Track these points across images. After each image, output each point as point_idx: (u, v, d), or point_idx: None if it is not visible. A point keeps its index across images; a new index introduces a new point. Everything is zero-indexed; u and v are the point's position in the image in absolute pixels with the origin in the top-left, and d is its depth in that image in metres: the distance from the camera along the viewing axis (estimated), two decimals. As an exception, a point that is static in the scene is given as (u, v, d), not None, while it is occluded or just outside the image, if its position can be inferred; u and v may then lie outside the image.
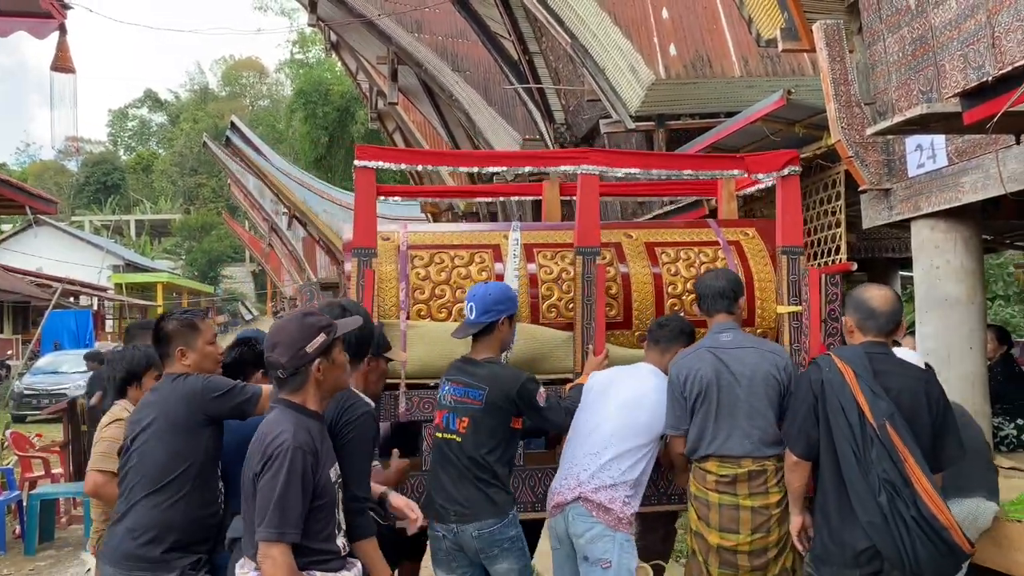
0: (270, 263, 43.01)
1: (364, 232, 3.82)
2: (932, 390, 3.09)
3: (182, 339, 3.29)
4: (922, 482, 2.87)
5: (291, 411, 2.62)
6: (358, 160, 3.81)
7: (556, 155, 4.13)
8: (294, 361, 2.61)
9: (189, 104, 67.14)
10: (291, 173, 28.45)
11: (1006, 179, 4.65)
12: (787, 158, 4.00)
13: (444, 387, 3.62)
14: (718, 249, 4.21)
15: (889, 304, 3.15)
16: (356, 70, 19.40)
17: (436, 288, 3.92)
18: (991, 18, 4.75)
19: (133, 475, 3.16)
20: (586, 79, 9.42)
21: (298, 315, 2.72)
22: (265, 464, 2.50)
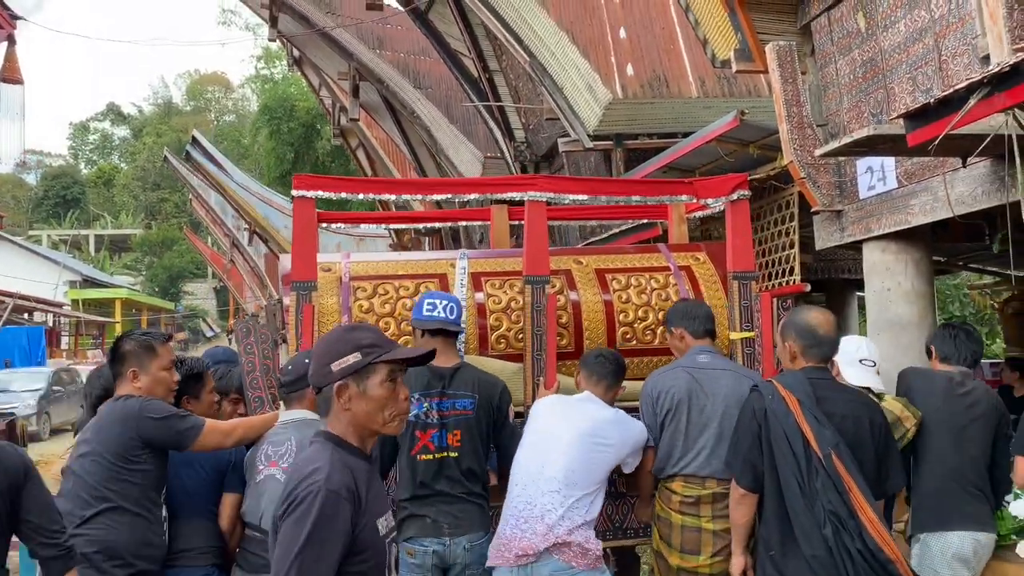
0: (232, 279, 42.43)
1: (303, 264, 3.64)
2: (875, 416, 3.04)
3: (136, 360, 3.17)
4: (867, 513, 2.81)
5: (331, 445, 2.10)
6: (295, 190, 3.66)
7: (503, 182, 4.02)
8: (317, 378, 2.14)
9: (152, 118, 66.39)
10: (252, 188, 28.15)
11: (954, 201, 4.67)
12: (735, 182, 3.96)
13: (419, 406, 3.38)
14: (669, 275, 4.14)
15: (833, 330, 3.10)
16: (319, 86, 19.29)
17: (380, 320, 3.76)
18: (938, 42, 4.77)
19: (70, 498, 3.04)
20: (545, 98, 9.40)
21: (345, 327, 2.28)
22: (288, 507, 2.00)
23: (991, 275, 8.98)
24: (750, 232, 4.01)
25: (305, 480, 2.00)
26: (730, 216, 3.95)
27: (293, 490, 2.01)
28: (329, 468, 2.03)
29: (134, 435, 3.04)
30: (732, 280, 3.93)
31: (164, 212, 59.39)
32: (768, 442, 2.98)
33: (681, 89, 8.37)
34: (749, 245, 3.97)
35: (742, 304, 3.91)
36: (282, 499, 2.03)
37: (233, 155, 40.94)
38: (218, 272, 47.15)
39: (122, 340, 3.25)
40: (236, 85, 68.68)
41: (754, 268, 3.98)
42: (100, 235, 58.71)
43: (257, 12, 16.17)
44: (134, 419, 3.04)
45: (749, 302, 3.91)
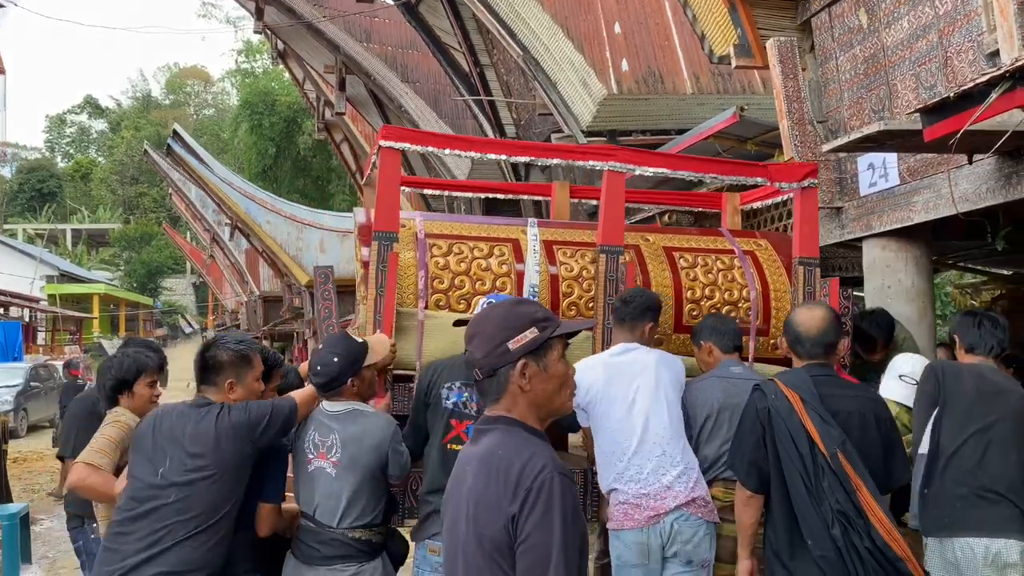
0: (212, 275, 42.13)
1: (387, 216, 3.57)
2: (879, 410, 3.00)
3: (234, 371, 3.11)
4: (876, 512, 2.77)
5: (517, 429, 1.90)
6: (383, 140, 3.60)
7: (584, 149, 3.98)
8: (490, 360, 1.91)
9: (131, 112, 65.61)
10: (234, 183, 27.88)
11: (958, 199, 4.65)
12: (807, 170, 3.98)
13: (459, 394, 3.32)
14: (734, 257, 4.17)
15: (816, 328, 3.01)
16: (303, 79, 19.11)
17: (456, 278, 3.75)
18: (943, 38, 4.76)
19: (168, 515, 2.89)
20: (537, 92, 9.33)
21: (510, 301, 2.07)
22: (525, 503, 1.75)
23: (982, 274, 9.03)
24: (817, 219, 4.02)
25: (527, 469, 1.80)
26: (799, 203, 3.97)
27: (518, 483, 1.79)
28: (543, 451, 1.88)
29: (250, 449, 3.01)
30: (798, 266, 3.96)
31: (142, 207, 58.76)
32: (773, 442, 2.94)
33: (676, 85, 8.33)
34: (816, 232, 3.99)
35: (806, 290, 3.93)
36: (508, 500, 1.78)
37: (213, 150, 40.50)
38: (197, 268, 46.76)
39: (216, 348, 3.14)
40: (216, 79, 68.12)
41: (819, 255, 3.99)
42: (77, 229, 57.98)
43: (243, 4, 15.97)
44: (248, 436, 3.00)
45: (813, 288, 3.94)
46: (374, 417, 3.21)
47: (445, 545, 1.94)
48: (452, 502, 1.94)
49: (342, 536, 3.05)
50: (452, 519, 1.91)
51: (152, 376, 3.54)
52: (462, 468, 1.95)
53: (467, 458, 1.94)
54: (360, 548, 3.07)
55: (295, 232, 27.54)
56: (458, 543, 1.86)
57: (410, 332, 3.60)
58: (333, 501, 3.08)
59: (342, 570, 3.03)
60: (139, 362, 3.56)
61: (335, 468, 3.08)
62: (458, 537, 1.86)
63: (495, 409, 1.94)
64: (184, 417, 3.04)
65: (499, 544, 1.77)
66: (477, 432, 1.97)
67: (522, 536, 1.75)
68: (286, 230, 27.42)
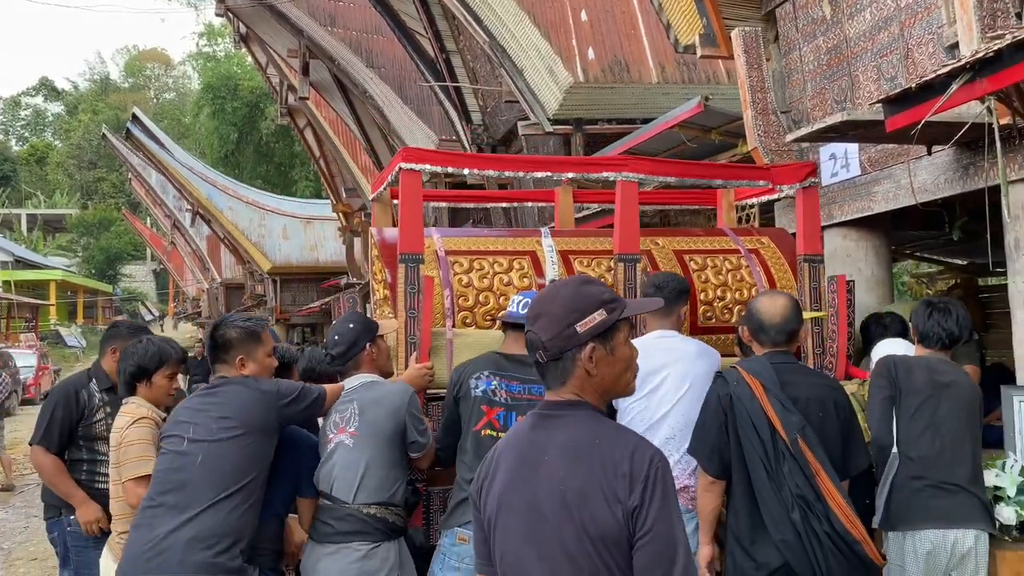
0: (172, 262, 41.54)
1: (412, 237, 3.60)
2: (839, 397, 3.04)
3: (243, 348, 3.16)
4: (835, 497, 2.82)
5: (596, 414, 1.86)
6: (404, 163, 3.64)
7: (597, 162, 4.16)
8: (558, 343, 1.83)
9: (88, 94, 64.22)
10: (195, 168, 27.45)
11: (917, 189, 4.72)
12: (808, 170, 4.09)
13: (488, 382, 3.32)
14: (741, 257, 4.25)
15: (778, 316, 3.04)
16: (266, 64, 18.83)
17: (480, 295, 3.79)
18: (904, 30, 4.82)
19: (196, 478, 2.93)
20: (504, 80, 9.30)
21: (576, 280, 1.97)
22: (644, 494, 1.71)
23: (938, 263, 9.20)
24: (819, 217, 4.12)
25: (639, 461, 1.75)
26: (801, 202, 4.06)
27: (632, 471, 1.73)
28: (637, 437, 1.84)
29: (275, 418, 3.07)
30: (803, 263, 4.03)
31: (101, 192, 57.66)
32: (734, 428, 2.97)
33: (641, 74, 8.35)
34: (818, 229, 4.09)
35: (811, 286, 4.01)
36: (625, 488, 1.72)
37: (173, 134, 39.84)
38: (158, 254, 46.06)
39: (225, 327, 3.20)
40: (177, 62, 66.94)
41: (822, 252, 4.09)
42: (33, 215, 56.71)
43: (203, -15, 15.68)
44: (275, 404, 3.06)
45: (818, 284, 4.02)
46: (391, 385, 3.27)
47: (510, 532, 1.83)
48: (519, 489, 1.83)
49: (357, 511, 3.04)
50: (528, 506, 1.81)
51: (173, 368, 3.54)
52: (534, 453, 1.84)
53: (539, 443, 1.84)
54: (375, 526, 3.04)
55: (257, 218, 27.22)
56: (543, 533, 1.77)
57: (439, 351, 3.63)
58: (351, 472, 3.07)
59: (356, 548, 3.01)
60: (163, 352, 3.55)
61: (353, 439, 3.10)
62: (543, 526, 1.77)
63: (561, 393, 1.86)
64: (208, 394, 3.12)
65: (610, 536, 1.72)
66: (543, 417, 1.88)
67: (644, 528, 1.71)
68: (248, 216, 27.09)
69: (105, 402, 4.00)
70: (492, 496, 1.87)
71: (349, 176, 18.11)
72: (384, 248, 3.96)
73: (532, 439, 1.87)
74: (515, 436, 1.94)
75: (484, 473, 1.93)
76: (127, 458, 3.28)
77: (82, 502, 3.92)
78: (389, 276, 3.82)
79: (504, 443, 1.94)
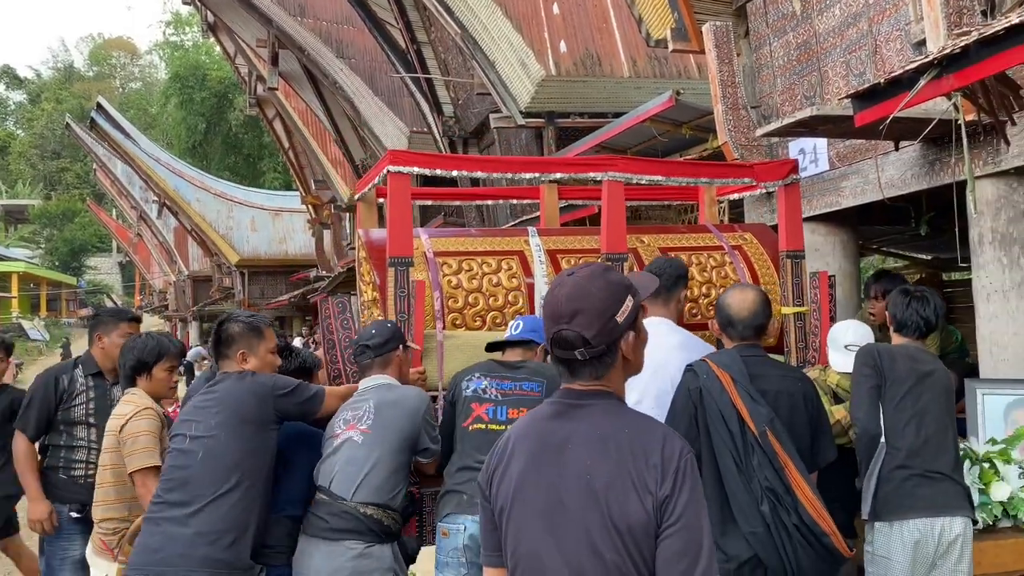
0: (138, 254, 40.97)
1: (401, 241, 3.61)
2: (808, 389, 3.05)
3: (245, 343, 3.19)
4: (803, 489, 2.84)
5: (620, 403, 1.85)
6: (392, 165, 3.63)
7: (584, 162, 4.16)
8: (603, 336, 1.79)
9: (52, 83, 62.97)
10: (161, 159, 27.08)
11: (884, 185, 4.78)
12: (789, 167, 4.14)
13: (479, 382, 3.36)
14: (724, 253, 4.28)
15: (745, 311, 3.05)
16: (235, 53, 18.59)
17: (469, 296, 3.78)
18: (873, 27, 4.86)
19: (197, 474, 2.96)
20: (476, 72, 9.26)
21: (597, 270, 1.89)
22: (675, 484, 1.71)
23: (903, 258, 9.32)
24: (801, 213, 4.15)
25: (670, 451, 1.74)
26: (783, 198, 4.11)
27: (664, 464, 1.72)
28: (663, 426, 1.86)
29: (270, 409, 3.07)
30: (785, 259, 4.06)
31: (65, 182, 56.64)
32: (704, 421, 2.97)
33: (613, 68, 8.36)
34: (800, 226, 4.12)
35: (794, 281, 4.05)
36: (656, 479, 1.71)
37: (140, 124, 39.24)
38: (124, 246, 45.36)
39: (228, 322, 3.25)
40: (143, 52, 65.90)
41: (803, 247, 4.12)
42: (-7, 205, 55.58)
43: (170, -27, 15.45)
44: (269, 394, 3.07)
45: (800, 279, 4.06)
46: (409, 389, 3.28)
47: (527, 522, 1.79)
48: (539, 478, 1.79)
49: (353, 509, 3.00)
50: (549, 496, 1.77)
51: (171, 361, 3.61)
52: (556, 442, 1.80)
53: (562, 432, 1.81)
54: (370, 526, 3.01)
55: (225, 210, 26.92)
56: (565, 523, 1.74)
57: (430, 354, 3.63)
58: (354, 469, 3.04)
59: (350, 547, 2.98)
60: (162, 345, 3.64)
61: (364, 436, 3.07)
62: (565, 517, 1.74)
63: (584, 383, 1.83)
64: (208, 391, 3.13)
65: (638, 527, 1.70)
66: (567, 406, 1.84)
67: (673, 517, 1.71)
68: (216, 208, 26.78)
69: (89, 387, 4.04)
70: (506, 485, 1.82)
71: (319, 168, 17.96)
72: (372, 250, 3.94)
73: (553, 428, 1.83)
74: (532, 424, 1.88)
75: (495, 462, 1.87)
76: (134, 448, 3.34)
77: (34, 498, 3.93)
78: (378, 278, 3.80)
79: (519, 432, 1.88)
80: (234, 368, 3.17)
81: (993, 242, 4.23)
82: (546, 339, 1.87)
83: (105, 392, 4.02)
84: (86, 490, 3.74)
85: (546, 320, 1.86)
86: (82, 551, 3.95)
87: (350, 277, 14.66)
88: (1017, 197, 4.18)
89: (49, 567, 4.00)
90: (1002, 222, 4.20)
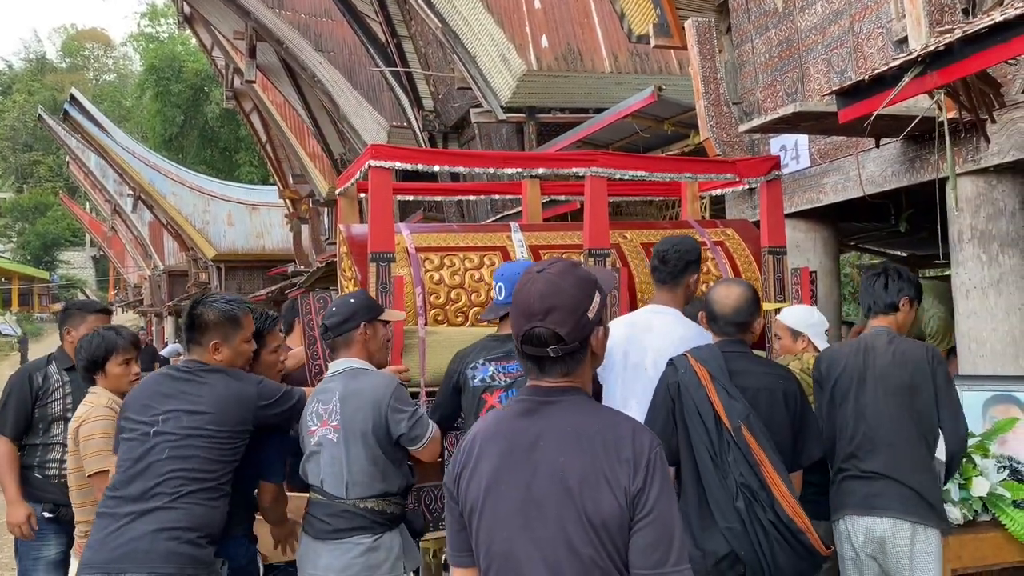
0: (113, 248, 40.41)
1: (382, 236, 3.60)
2: (789, 387, 3.01)
3: (220, 332, 3.01)
4: (779, 486, 2.82)
5: (589, 399, 1.86)
6: (373, 160, 3.60)
7: (567, 157, 4.21)
8: (577, 333, 1.78)
9: (23, 74, 61.91)
10: (136, 152, 26.73)
11: (865, 181, 4.80)
12: (771, 163, 4.15)
13: (484, 369, 3.23)
14: (706, 249, 4.24)
15: (728, 307, 3.02)
16: (211, 46, 18.38)
17: (451, 292, 3.77)
18: (854, 24, 4.88)
19: (162, 470, 2.83)
20: (456, 66, 9.21)
21: (567, 266, 1.87)
22: (647, 478, 1.72)
23: (880, 255, 9.41)
24: (782, 209, 4.19)
25: (639, 445, 1.75)
26: (765, 194, 4.13)
27: (635, 458, 1.72)
28: (632, 420, 1.85)
29: (250, 420, 2.96)
30: (767, 255, 4.08)
31: (37, 175, 55.74)
32: (682, 416, 2.97)
33: (595, 63, 8.35)
34: (781, 221, 4.15)
35: (775, 278, 4.07)
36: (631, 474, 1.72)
37: (114, 117, 38.71)
38: (98, 240, 44.74)
39: (202, 307, 3.03)
40: (118, 43, 65.03)
41: (785, 243, 4.13)
42: (-36, 198, 54.67)
43: (145, -37, 15.22)
44: (253, 404, 2.97)
45: (782, 276, 4.09)
46: (375, 375, 3.11)
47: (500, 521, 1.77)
48: (510, 477, 1.78)
49: (353, 507, 2.95)
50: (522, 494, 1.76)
51: (124, 355, 3.45)
52: (526, 440, 1.79)
53: (532, 430, 1.80)
54: (373, 519, 2.95)
55: (202, 204, 26.62)
56: (540, 521, 1.74)
57: (412, 350, 3.61)
58: (338, 467, 2.98)
59: (357, 543, 2.92)
60: (108, 341, 3.49)
61: (336, 432, 2.99)
62: (540, 515, 1.74)
63: (552, 379, 1.82)
64: (179, 380, 2.98)
65: (611, 521, 1.71)
66: (536, 403, 1.82)
67: (645, 510, 1.72)
68: (192, 202, 26.48)
69: (64, 382, 3.96)
70: (475, 485, 1.80)
71: (296, 162, 17.81)
72: (353, 245, 3.91)
73: (523, 426, 1.82)
74: (500, 423, 1.86)
75: (462, 463, 1.84)
76: (88, 452, 3.24)
77: (12, 501, 3.84)
78: (359, 274, 3.77)
79: (485, 431, 1.86)
80: (205, 358, 3.01)
81: (972, 239, 4.27)
82: (516, 335, 1.82)
83: (80, 386, 3.95)
84: (60, 490, 3.68)
85: (517, 317, 1.83)
86: (56, 551, 3.89)
87: (328, 272, 14.56)
88: (996, 194, 4.22)
89: (23, 568, 3.93)
90: (981, 219, 4.24)
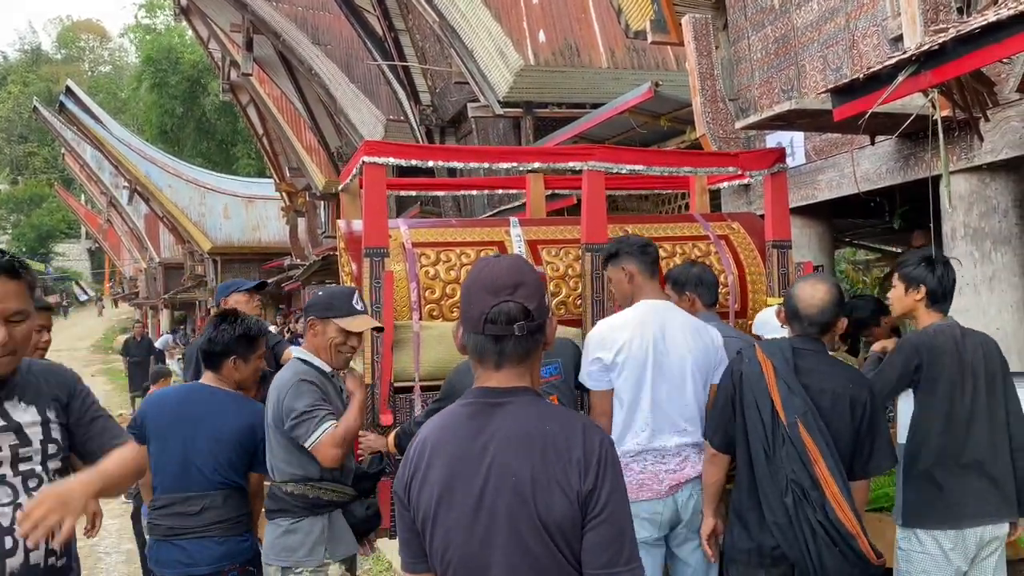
0: (108, 240, 40.36)
1: (376, 230, 3.63)
2: (859, 394, 2.90)
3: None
4: (831, 487, 2.74)
5: (538, 398, 1.82)
6: (367, 156, 3.63)
7: (563, 151, 4.17)
8: (541, 311, 1.76)
9: (18, 65, 61.66)
10: (132, 144, 26.68)
11: (860, 179, 4.83)
12: (775, 156, 4.11)
13: None
14: (709, 243, 4.24)
15: (815, 307, 2.92)
16: (208, 38, 18.33)
17: (447, 287, 3.78)
18: (850, 22, 4.91)
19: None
20: (454, 60, 9.22)
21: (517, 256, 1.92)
22: (599, 478, 1.70)
23: (874, 251, 9.45)
24: (787, 203, 4.13)
25: (590, 446, 1.72)
26: (769, 188, 4.09)
27: (586, 458, 1.70)
28: (582, 418, 1.82)
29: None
30: (771, 248, 4.06)
31: (32, 167, 55.57)
32: (741, 406, 2.94)
33: (592, 59, 8.36)
34: (786, 215, 4.11)
35: (780, 271, 4.06)
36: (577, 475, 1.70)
37: (110, 109, 38.60)
38: (93, 232, 44.68)
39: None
40: (114, 35, 64.82)
41: (790, 237, 4.11)
42: (-42, 189, 54.50)
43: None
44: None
45: (786, 269, 4.07)
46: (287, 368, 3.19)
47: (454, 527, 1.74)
48: (463, 483, 1.75)
49: (277, 490, 3.11)
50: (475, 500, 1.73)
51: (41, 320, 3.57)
52: (477, 444, 1.75)
53: (482, 434, 1.76)
54: (294, 503, 3.07)
55: (198, 197, 26.60)
56: (495, 526, 1.71)
57: (406, 344, 3.63)
58: (268, 452, 3.18)
59: (278, 524, 3.09)
60: None
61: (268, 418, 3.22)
62: (494, 519, 1.71)
63: (501, 378, 1.78)
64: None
65: (565, 523, 1.70)
66: (484, 405, 1.78)
67: (597, 509, 1.70)
68: (188, 195, 26.46)
69: None
70: (428, 492, 1.76)
71: (293, 155, 17.80)
72: (350, 241, 3.93)
73: (473, 430, 1.77)
74: (448, 427, 1.81)
75: (412, 469, 1.80)
76: None
77: None
78: (355, 269, 3.79)
79: (435, 436, 1.81)
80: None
81: (965, 236, 4.30)
82: (476, 317, 1.75)
83: None
84: None
85: (481, 294, 1.75)
86: None
87: (324, 265, 14.56)
88: (989, 192, 4.25)
89: None
90: (974, 217, 4.28)
